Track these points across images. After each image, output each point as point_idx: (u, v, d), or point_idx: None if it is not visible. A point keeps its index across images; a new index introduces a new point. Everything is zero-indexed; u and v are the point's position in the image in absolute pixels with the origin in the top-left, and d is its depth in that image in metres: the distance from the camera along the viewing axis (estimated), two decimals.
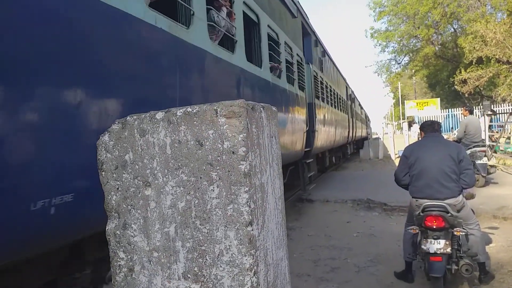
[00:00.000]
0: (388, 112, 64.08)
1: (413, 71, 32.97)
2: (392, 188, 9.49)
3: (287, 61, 7.22)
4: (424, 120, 27.70)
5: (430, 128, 4.17)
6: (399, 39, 30.07)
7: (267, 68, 5.82)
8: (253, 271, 1.02)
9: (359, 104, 26.89)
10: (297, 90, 7.87)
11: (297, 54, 8.29)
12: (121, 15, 2.25)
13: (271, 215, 1.18)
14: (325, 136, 10.74)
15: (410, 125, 22.44)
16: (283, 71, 6.75)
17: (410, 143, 4.68)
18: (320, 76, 10.89)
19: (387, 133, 21.56)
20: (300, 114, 7.98)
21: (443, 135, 4.79)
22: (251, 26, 5.49)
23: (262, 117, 1.17)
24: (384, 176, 12.61)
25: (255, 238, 1.04)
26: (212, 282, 1.06)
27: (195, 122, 1.06)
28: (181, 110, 1.08)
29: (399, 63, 34.02)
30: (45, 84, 1.77)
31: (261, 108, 1.17)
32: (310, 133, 8.84)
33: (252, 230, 1.03)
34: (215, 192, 1.05)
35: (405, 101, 34.70)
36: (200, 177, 1.06)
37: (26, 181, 1.68)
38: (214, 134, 1.04)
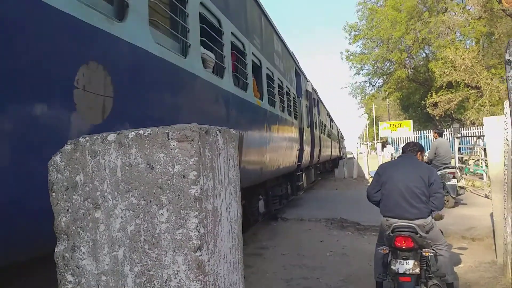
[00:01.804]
0: (363, 133, 65.34)
1: (387, 93, 33.83)
2: (365, 208, 9.62)
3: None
4: (395, 141, 28.22)
5: (406, 148, 4.34)
6: (373, 62, 30.91)
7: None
8: None
9: (328, 114, 22.97)
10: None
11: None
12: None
13: (225, 239, 1.17)
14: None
15: (383, 146, 22.92)
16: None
17: (383, 163, 4.79)
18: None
19: (361, 153, 21.92)
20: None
21: None
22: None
23: (218, 140, 1.17)
24: (358, 195, 12.75)
25: (204, 263, 1.03)
26: None
27: (146, 145, 1.05)
28: (132, 133, 1.07)
29: (373, 85, 34.91)
30: None
31: (217, 132, 1.17)
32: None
33: (201, 255, 1.02)
34: (165, 216, 1.04)
35: (379, 122, 35.49)
36: (150, 201, 1.05)
37: None
38: (165, 158, 1.04)
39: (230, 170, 1.26)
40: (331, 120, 25.33)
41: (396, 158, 4.45)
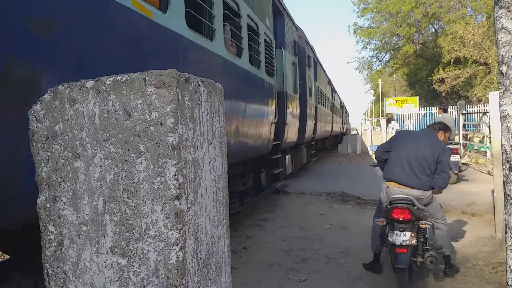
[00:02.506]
0: (368, 109, 64.86)
1: (394, 69, 33.36)
2: (366, 183, 9.68)
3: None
4: (401, 117, 27.90)
5: (431, 125, 4.44)
6: (381, 37, 30.35)
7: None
8: (179, 245, 1.00)
9: (329, 83, 19.44)
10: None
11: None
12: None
13: (207, 192, 1.16)
14: None
15: (388, 122, 22.76)
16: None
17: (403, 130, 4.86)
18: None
19: (365, 129, 21.79)
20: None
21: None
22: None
23: (200, 91, 1.13)
24: (360, 170, 12.78)
25: (183, 213, 1.01)
26: (138, 257, 1.03)
27: (123, 91, 1.02)
28: (110, 79, 1.04)
29: (381, 61, 34.39)
30: None
31: (199, 82, 1.13)
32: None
33: (180, 204, 1.00)
34: (143, 165, 1.02)
35: (385, 98, 35.13)
36: (128, 149, 1.03)
37: None
38: (142, 104, 1.01)
39: (214, 124, 1.23)
40: (333, 91, 21.88)
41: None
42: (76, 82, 1.09)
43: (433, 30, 30.33)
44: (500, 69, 1.09)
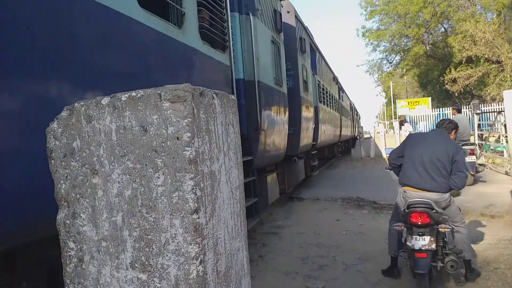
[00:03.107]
0: (380, 111, 64.43)
1: (405, 70, 33.12)
2: (382, 187, 9.57)
3: None
4: (414, 119, 27.48)
5: (441, 124, 4.32)
6: (390, 38, 30.19)
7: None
8: (199, 259, 1.00)
9: (334, 79, 16.64)
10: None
11: None
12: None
13: (224, 204, 1.16)
14: None
15: (401, 124, 22.54)
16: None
17: (414, 132, 4.80)
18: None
19: (378, 132, 21.61)
20: None
21: None
22: None
23: (215, 103, 1.14)
24: (375, 174, 12.66)
25: (202, 226, 1.01)
26: (158, 272, 1.04)
27: (139, 107, 1.03)
28: (125, 95, 1.05)
29: (391, 62, 34.20)
30: None
31: (213, 95, 1.14)
32: None
33: (199, 218, 1.00)
34: (161, 180, 1.02)
35: (396, 100, 34.85)
36: (146, 164, 1.04)
37: None
38: (158, 119, 1.01)
39: (229, 136, 1.23)
40: (341, 89, 19.34)
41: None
42: (92, 99, 1.11)
43: (443, 29, 30.08)
44: None
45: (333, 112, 14.69)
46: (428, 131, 4.95)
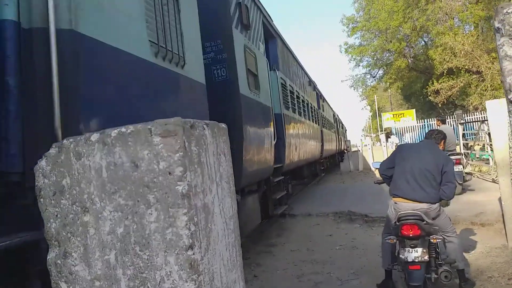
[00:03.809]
0: (366, 125, 65.22)
1: (388, 83, 33.71)
2: (373, 200, 9.58)
3: None
4: (400, 131, 27.72)
5: (430, 135, 4.35)
6: (372, 53, 30.83)
7: None
8: None
9: (310, 84, 14.25)
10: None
11: None
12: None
13: (219, 236, 1.14)
14: None
15: (388, 137, 22.81)
16: None
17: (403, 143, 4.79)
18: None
19: (366, 145, 21.80)
20: None
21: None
22: None
23: (206, 134, 1.13)
24: (365, 188, 12.68)
25: (197, 262, 0.99)
26: None
27: (130, 143, 1.02)
28: (115, 131, 1.04)
29: (374, 77, 34.83)
30: None
31: (204, 125, 1.13)
32: None
33: (194, 254, 0.98)
34: (154, 216, 1.00)
35: (381, 113, 35.34)
36: (138, 200, 1.02)
37: None
38: (149, 155, 1.00)
39: (221, 165, 1.22)
40: (321, 97, 16.94)
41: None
42: (81, 135, 1.09)
43: (423, 43, 30.84)
44: (509, 97, 1.09)
45: (311, 123, 12.41)
46: (417, 141, 4.92)
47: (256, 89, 6.23)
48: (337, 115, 25.57)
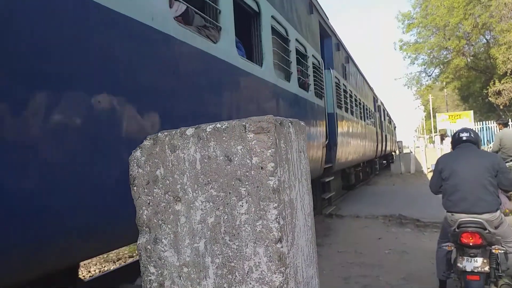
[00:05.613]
0: (419, 125, 62.78)
1: (444, 83, 32.27)
2: (425, 204, 9.26)
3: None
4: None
5: (459, 140, 4.00)
6: (429, 51, 29.62)
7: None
8: None
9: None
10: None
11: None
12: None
13: (301, 232, 1.17)
14: None
15: (442, 139, 21.82)
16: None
17: (441, 156, 4.48)
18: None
19: (418, 147, 21.00)
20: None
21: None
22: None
23: (291, 132, 1.17)
24: (417, 191, 12.27)
25: (284, 256, 1.03)
26: None
27: (224, 138, 1.07)
28: (210, 126, 1.10)
29: (430, 75, 33.48)
30: None
31: (289, 123, 1.17)
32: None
33: (282, 247, 1.02)
34: (244, 208, 1.05)
35: (436, 114, 33.88)
36: (229, 193, 1.07)
37: None
38: (242, 150, 1.05)
39: (301, 162, 1.25)
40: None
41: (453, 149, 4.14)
42: (176, 129, 1.16)
43: (485, 41, 29.14)
44: None
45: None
46: (454, 150, 4.40)
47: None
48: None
